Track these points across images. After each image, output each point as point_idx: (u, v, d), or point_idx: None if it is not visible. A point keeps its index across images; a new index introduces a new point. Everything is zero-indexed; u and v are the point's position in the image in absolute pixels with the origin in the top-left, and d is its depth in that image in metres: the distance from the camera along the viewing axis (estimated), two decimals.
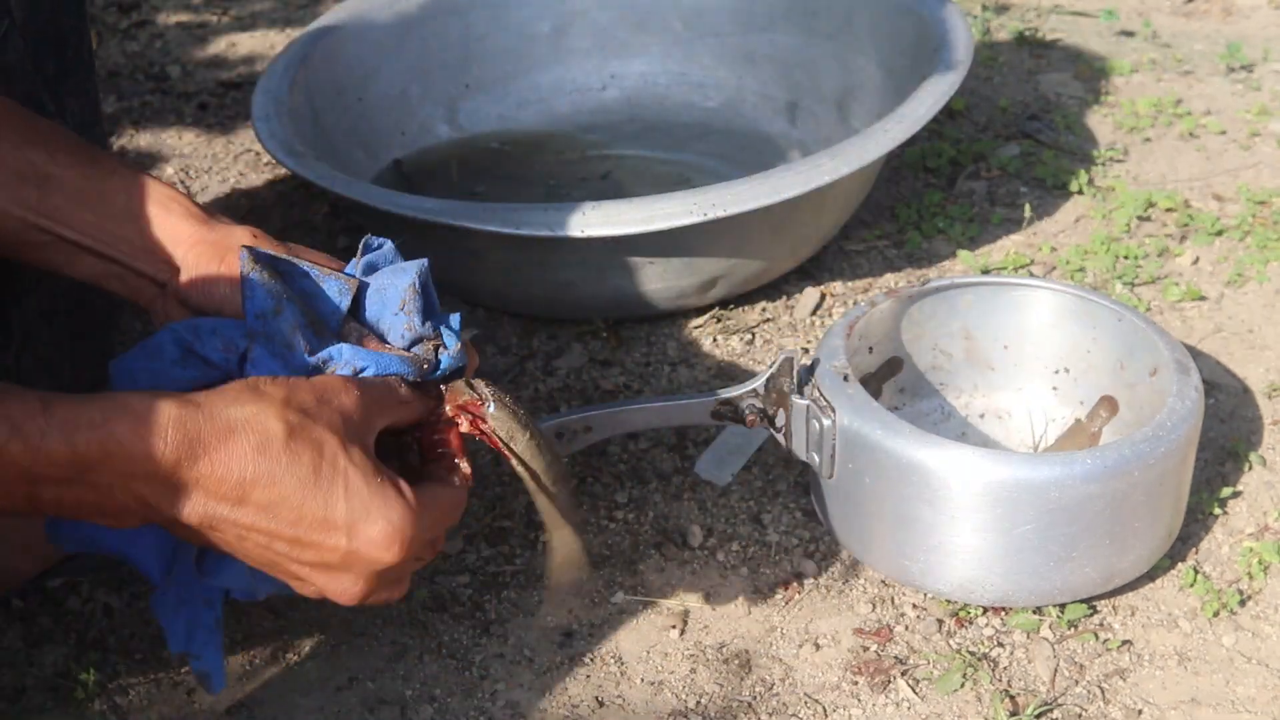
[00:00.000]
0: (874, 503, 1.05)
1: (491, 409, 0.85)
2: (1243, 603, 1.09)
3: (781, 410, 1.09)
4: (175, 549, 0.86)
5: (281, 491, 0.74)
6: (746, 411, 1.08)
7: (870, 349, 1.18)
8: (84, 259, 0.89)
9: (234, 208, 1.63)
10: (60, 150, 0.88)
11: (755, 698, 1.02)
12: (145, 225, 0.88)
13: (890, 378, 1.21)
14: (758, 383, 1.08)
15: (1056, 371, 1.20)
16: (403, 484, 0.79)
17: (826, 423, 1.05)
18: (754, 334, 1.39)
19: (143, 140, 1.78)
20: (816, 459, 1.08)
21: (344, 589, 0.79)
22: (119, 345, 1.23)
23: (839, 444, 1.06)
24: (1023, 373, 1.22)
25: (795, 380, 1.07)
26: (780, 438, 1.10)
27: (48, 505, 0.73)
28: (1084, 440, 1.17)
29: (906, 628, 1.08)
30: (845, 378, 1.07)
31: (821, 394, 1.06)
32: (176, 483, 0.73)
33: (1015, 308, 1.19)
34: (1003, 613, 1.08)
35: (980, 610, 1.08)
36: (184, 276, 0.88)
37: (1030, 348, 1.21)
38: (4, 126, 0.88)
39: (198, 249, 0.88)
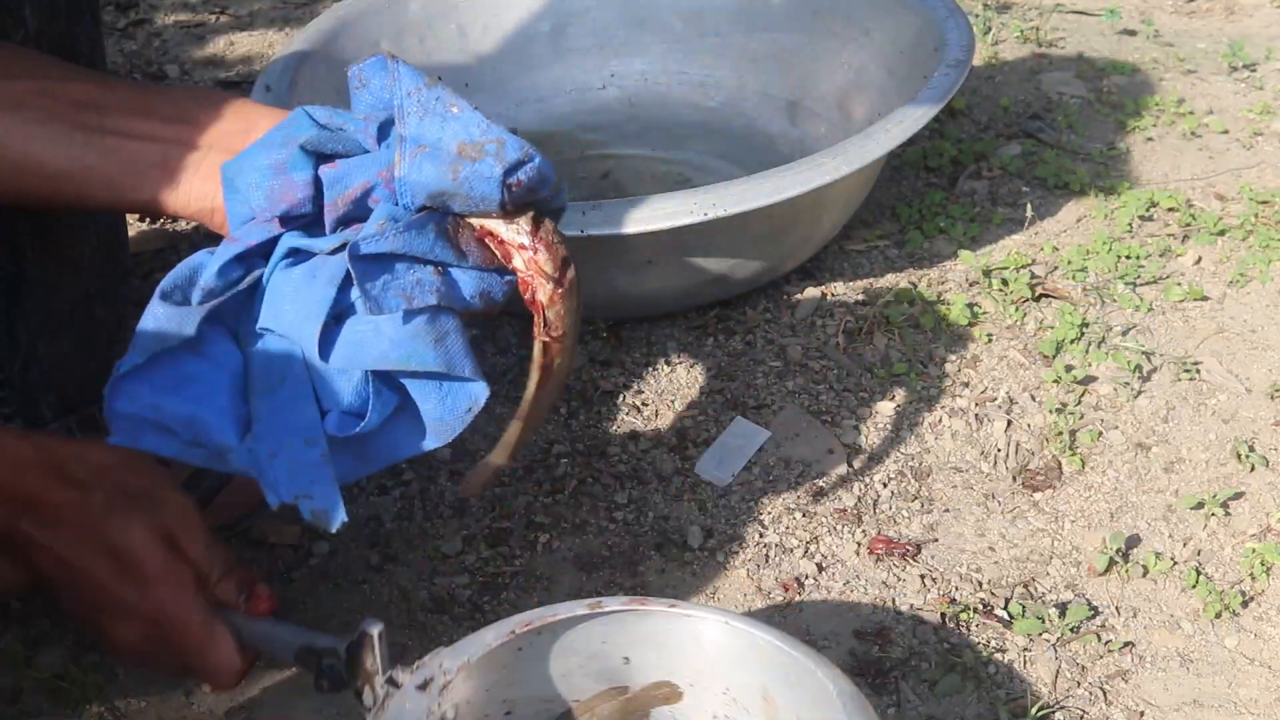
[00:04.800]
0: None
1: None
2: (1245, 604, 1.09)
3: (368, 688, 0.86)
4: (247, 406, 0.83)
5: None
6: (325, 672, 0.87)
7: (626, 659, 0.92)
8: (152, 175, 0.86)
9: None
10: (108, 81, 0.88)
11: None
12: (218, 106, 0.87)
13: (664, 703, 0.94)
14: (341, 643, 0.87)
15: None
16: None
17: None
18: (754, 334, 1.38)
19: None
20: None
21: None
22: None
23: None
24: None
25: (379, 659, 0.85)
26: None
27: None
28: None
29: (907, 629, 1.07)
30: (423, 685, 0.84)
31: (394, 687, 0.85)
32: None
33: (818, 687, 0.87)
34: (1004, 614, 1.08)
35: (980, 610, 1.08)
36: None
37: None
38: (48, 66, 0.88)
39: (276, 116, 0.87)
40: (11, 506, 0.82)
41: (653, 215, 1.23)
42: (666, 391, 1.31)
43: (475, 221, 0.82)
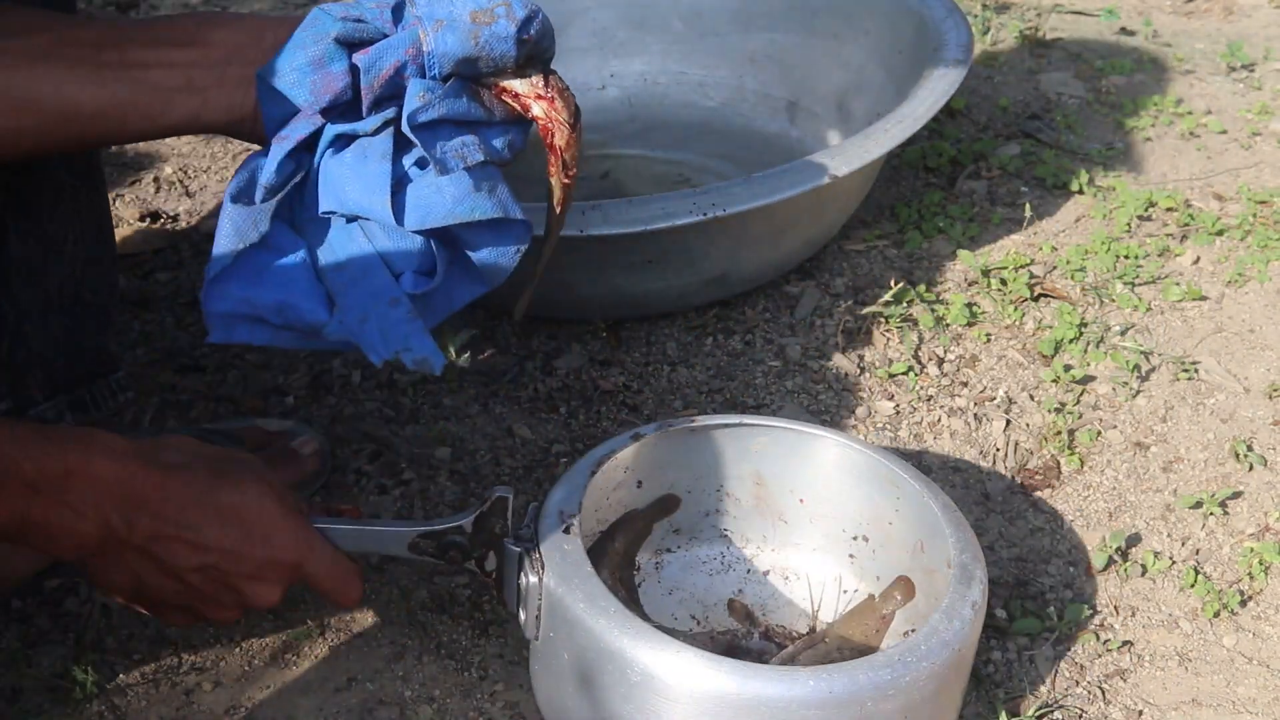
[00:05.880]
0: (569, 683, 0.91)
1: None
2: (1243, 603, 1.09)
3: (492, 553, 0.95)
4: (323, 286, 0.92)
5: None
6: (449, 548, 0.95)
7: (640, 483, 1.05)
8: (179, 99, 0.90)
9: None
10: (116, 22, 0.95)
11: None
12: (221, 24, 0.92)
13: (664, 516, 1.07)
14: (465, 519, 0.94)
15: (855, 538, 1.05)
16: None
17: (532, 579, 0.92)
18: (754, 334, 1.38)
19: None
20: (522, 616, 0.94)
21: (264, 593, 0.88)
22: (114, 344, 1.23)
23: (544, 606, 0.92)
24: (818, 532, 1.07)
25: (509, 522, 0.94)
26: (490, 583, 0.97)
27: (32, 525, 0.80)
28: (873, 622, 0.99)
29: None
30: (568, 529, 0.93)
31: (535, 543, 0.93)
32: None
33: (814, 460, 1.05)
34: (1003, 613, 1.08)
35: None
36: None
37: (828, 506, 1.06)
38: (56, 18, 0.93)
39: (290, 24, 0.92)
40: (125, 505, 0.82)
41: (653, 215, 1.23)
42: (666, 391, 1.32)
43: (492, 81, 0.92)
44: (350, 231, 0.92)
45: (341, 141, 0.90)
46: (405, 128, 0.88)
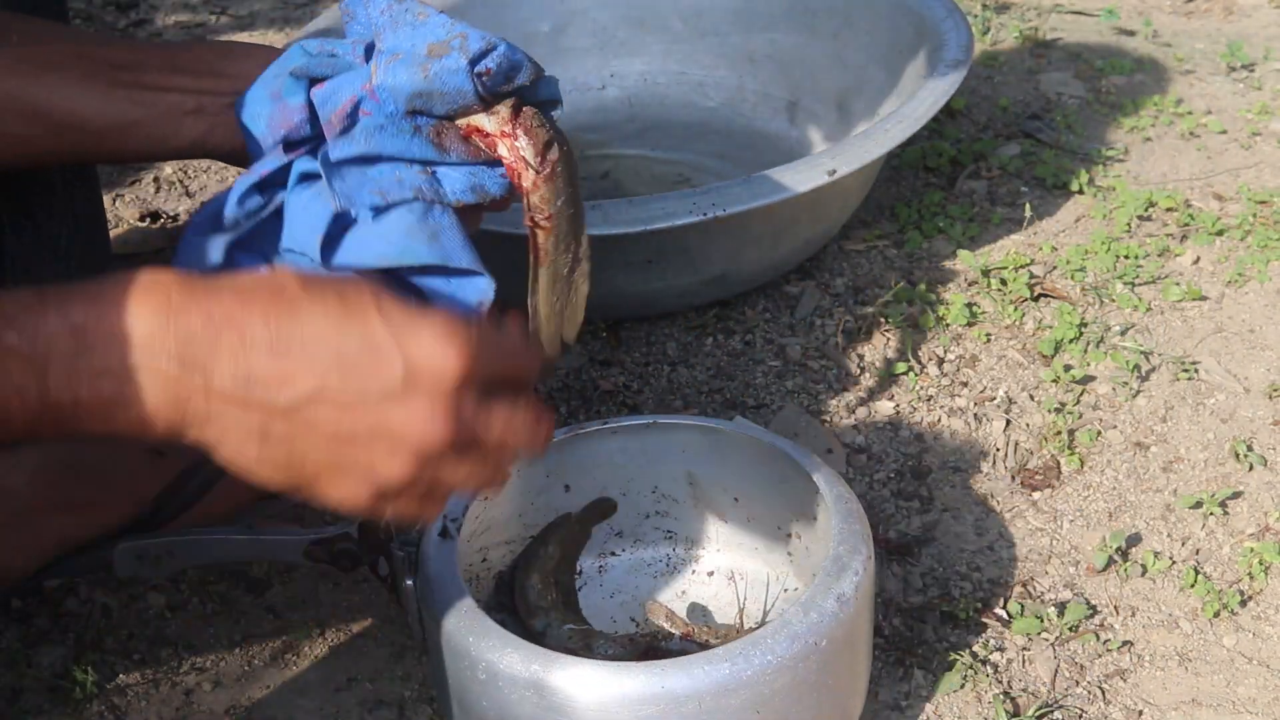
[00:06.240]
0: (439, 682, 0.92)
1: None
2: (1244, 603, 1.09)
3: (384, 558, 0.95)
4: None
5: (311, 331, 0.68)
6: (342, 555, 0.95)
7: (567, 487, 1.04)
8: (188, 122, 0.91)
9: None
10: (138, 43, 0.94)
11: None
12: (241, 54, 0.93)
13: (601, 519, 1.06)
14: (351, 525, 0.95)
15: (789, 535, 1.03)
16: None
17: (409, 582, 0.92)
18: (754, 334, 1.38)
19: None
20: (409, 619, 0.94)
21: (422, 425, 0.69)
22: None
23: (420, 611, 0.92)
24: (757, 530, 1.05)
25: (393, 526, 0.93)
26: (387, 589, 0.97)
27: (63, 406, 0.65)
28: None
29: (906, 628, 1.07)
30: (444, 532, 0.92)
31: (414, 548, 0.93)
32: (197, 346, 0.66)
33: (734, 456, 1.02)
34: (1003, 613, 1.08)
35: (979, 610, 1.08)
36: None
37: (759, 504, 1.03)
38: (80, 33, 0.94)
39: None
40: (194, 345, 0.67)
41: (653, 215, 1.23)
42: (666, 391, 1.32)
43: (461, 121, 0.86)
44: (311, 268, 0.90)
45: (309, 179, 0.87)
46: (318, 161, 0.84)
